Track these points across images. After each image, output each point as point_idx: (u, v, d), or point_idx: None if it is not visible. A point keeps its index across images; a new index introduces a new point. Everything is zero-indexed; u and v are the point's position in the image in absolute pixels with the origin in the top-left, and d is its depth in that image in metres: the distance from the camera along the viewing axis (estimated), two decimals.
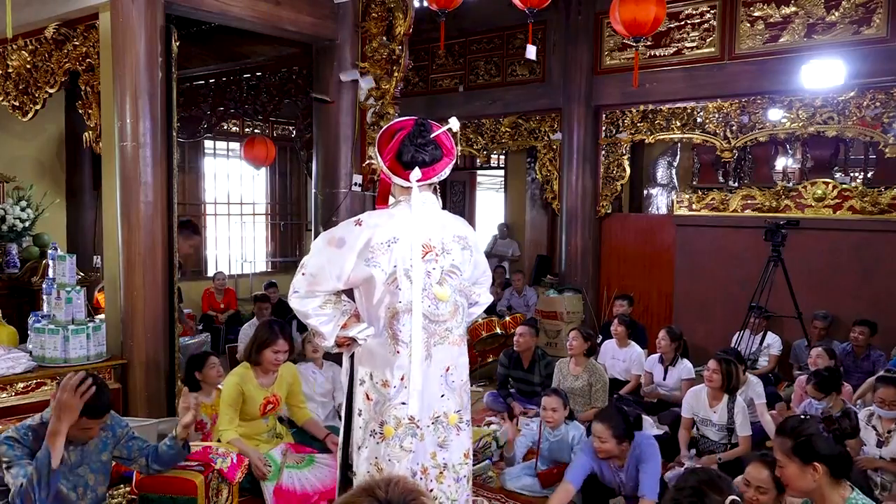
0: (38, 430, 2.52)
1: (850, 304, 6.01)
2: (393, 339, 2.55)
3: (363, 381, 2.61)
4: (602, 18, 7.46)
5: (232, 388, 3.68)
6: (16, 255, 6.63)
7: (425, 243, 2.55)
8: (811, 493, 2.36)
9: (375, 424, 2.58)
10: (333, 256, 2.51)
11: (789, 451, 2.35)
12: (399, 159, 2.54)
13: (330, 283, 2.53)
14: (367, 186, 5.44)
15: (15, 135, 7.30)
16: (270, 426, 3.91)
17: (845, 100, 6.34)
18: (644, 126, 7.59)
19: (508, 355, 5.73)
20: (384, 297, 2.53)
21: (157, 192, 4.19)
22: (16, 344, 4.30)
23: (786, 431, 2.40)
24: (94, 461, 2.73)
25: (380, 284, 2.52)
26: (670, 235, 7.35)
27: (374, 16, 5.24)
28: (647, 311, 7.51)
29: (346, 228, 2.56)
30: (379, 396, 2.57)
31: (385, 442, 2.56)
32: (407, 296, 2.52)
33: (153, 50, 4.16)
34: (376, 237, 2.50)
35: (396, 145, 2.53)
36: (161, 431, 3.90)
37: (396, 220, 2.54)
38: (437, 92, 9.01)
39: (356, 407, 2.64)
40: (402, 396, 2.55)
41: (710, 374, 4.39)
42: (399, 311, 2.53)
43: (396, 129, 2.58)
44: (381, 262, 2.50)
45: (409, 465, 2.57)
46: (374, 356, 2.59)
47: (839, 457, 2.32)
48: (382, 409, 2.56)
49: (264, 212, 10.52)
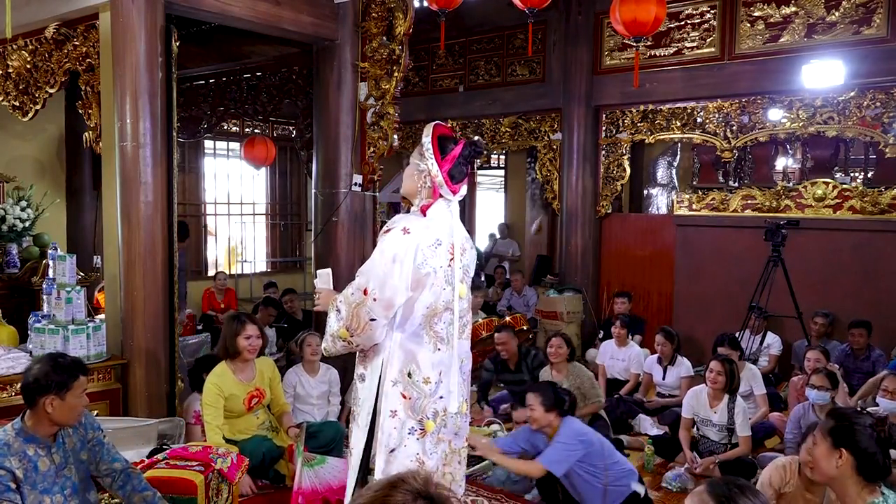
0: (12, 444, 2.53)
1: (850, 304, 6.00)
2: (434, 337, 2.68)
3: (396, 382, 2.65)
4: (602, 18, 7.46)
5: (210, 387, 3.74)
6: (16, 255, 6.63)
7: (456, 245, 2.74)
8: (832, 480, 2.32)
9: (414, 422, 2.65)
10: (393, 270, 2.58)
11: (826, 431, 2.33)
12: (448, 172, 2.72)
13: (401, 295, 2.60)
14: (367, 186, 5.44)
15: (15, 135, 7.30)
16: (262, 420, 3.94)
17: (845, 100, 6.34)
18: (644, 126, 7.59)
19: (493, 360, 5.68)
20: (427, 297, 2.65)
21: (157, 192, 4.19)
22: (16, 344, 4.30)
23: (834, 414, 2.41)
24: (77, 460, 2.71)
25: (428, 284, 2.63)
26: (670, 235, 7.35)
27: (374, 16, 5.24)
28: (647, 311, 7.51)
29: (396, 240, 2.62)
30: (419, 393, 2.65)
31: (427, 436, 2.67)
32: (446, 295, 2.67)
33: (153, 50, 4.16)
34: (423, 242, 2.62)
35: (453, 160, 2.70)
36: (161, 431, 3.91)
37: (435, 224, 2.68)
38: (437, 92, 9.01)
39: (388, 409, 2.65)
40: (441, 391, 2.68)
41: (715, 375, 4.39)
42: (439, 310, 2.67)
43: (447, 136, 2.75)
44: (429, 264, 2.63)
45: (440, 455, 2.72)
46: (412, 354, 2.67)
47: (871, 456, 2.25)
48: (423, 404, 2.66)
49: (264, 212, 10.52)
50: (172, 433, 3.98)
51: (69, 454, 2.68)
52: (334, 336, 2.70)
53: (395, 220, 2.76)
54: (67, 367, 2.58)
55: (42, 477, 2.55)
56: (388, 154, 5.40)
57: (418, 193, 2.76)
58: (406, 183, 2.83)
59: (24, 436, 2.55)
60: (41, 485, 2.54)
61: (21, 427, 2.57)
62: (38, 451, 2.56)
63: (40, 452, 2.57)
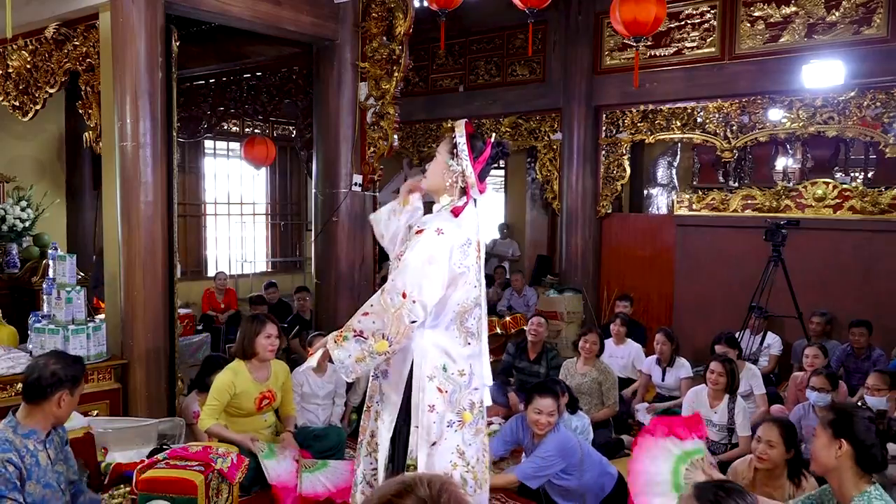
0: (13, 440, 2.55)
1: (850, 304, 6.00)
2: (465, 332, 2.74)
3: (433, 377, 2.68)
4: (602, 18, 7.46)
5: (222, 381, 3.70)
6: (16, 255, 6.63)
7: (481, 243, 2.82)
8: (831, 471, 2.33)
9: (452, 414, 2.69)
10: (430, 270, 2.60)
11: (827, 422, 2.35)
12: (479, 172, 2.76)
13: (437, 294, 2.63)
14: (367, 186, 5.44)
15: (15, 135, 7.29)
16: (270, 423, 3.92)
17: (845, 100, 6.34)
18: (644, 126, 7.59)
19: (516, 345, 5.78)
20: (459, 295, 2.70)
21: (157, 192, 4.19)
22: (16, 344, 4.30)
23: (834, 407, 2.49)
24: (67, 455, 2.78)
25: (461, 283, 2.68)
26: (670, 235, 7.35)
27: (374, 16, 5.24)
28: (646, 311, 7.51)
29: (431, 241, 2.63)
30: (455, 386, 2.70)
31: (465, 427, 2.72)
32: (475, 292, 2.75)
33: (153, 50, 4.16)
34: (456, 242, 2.66)
35: (485, 160, 2.75)
36: (161, 431, 3.91)
37: (465, 224, 2.72)
38: (437, 92, 9.01)
39: (426, 404, 2.67)
40: (475, 382, 2.76)
41: (716, 377, 4.38)
42: (469, 306, 2.74)
43: (473, 134, 2.76)
44: (464, 263, 2.68)
45: (479, 445, 2.77)
46: (445, 349, 2.71)
47: (870, 448, 2.28)
48: (459, 397, 2.71)
49: (264, 212, 10.52)
50: (172, 433, 3.98)
51: (58, 450, 2.74)
52: (365, 355, 2.58)
53: (425, 219, 2.77)
54: (78, 363, 2.66)
55: (43, 471, 2.59)
56: (388, 154, 5.40)
57: (446, 191, 2.78)
58: (434, 179, 2.80)
59: (22, 431, 2.58)
60: (43, 479, 2.59)
61: (16, 423, 2.60)
62: (36, 445, 2.61)
63: (38, 447, 2.61)
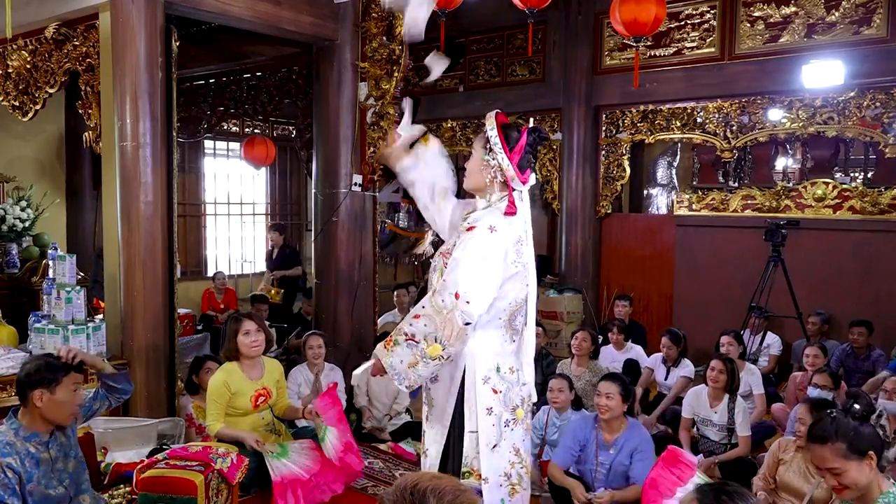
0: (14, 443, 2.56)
1: (850, 304, 6.00)
2: (511, 330, 2.72)
3: (487, 378, 2.65)
4: (602, 18, 7.45)
5: (216, 382, 3.71)
6: (16, 255, 6.62)
7: (529, 239, 2.76)
8: (864, 487, 2.30)
9: (508, 414, 2.68)
10: (484, 269, 2.55)
11: (847, 453, 2.26)
12: (518, 163, 2.65)
13: (491, 294, 2.57)
14: (367, 186, 5.44)
15: (15, 135, 7.29)
16: (267, 421, 3.92)
17: (845, 100, 6.33)
18: (644, 126, 7.58)
19: None
20: (511, 294, 2.66)
21: (157, 192, 4.19)
22: (16, 344, 4.30)
23: (830, 435, 2.29)
24: (69, 446, 2.76)
25: (515, 282, 2.65)
26: (670, 235, 7.35)
27: (374, 16, 5.24)
28: (647, 312, 7.51)
29: (484, 239, 2.56)
30: (507, 385, 2.69)
31: (518, 424, 2.72)
32: (525, 290, 2.71)
33: (153, 50, 4.16)
34: (510, 239, 2.62)
35: (521, 151, 2.63)
36: (161, 431, 3.91)
37: (516, 220, 2.65)
38: (437, 92, 9.00)
39: (483, 407, 2.64)
40: (523, 377, 2.76)
41: (716, 374, 4.38)
42: (520, 304, 2.71)
43: (507, 124, 2.67)
44: (518, 260, 2.64)
45: (529, 439, 2.78)
46: (494, 349, 2.69)
47: (878, 439, 2.33)
48: (511, 394, 2.70)
49: (264, 212, 10.52)
50: (172, 433, 3.98)
51: (62, 449, 2.73)
52: (418, 360, 2.51)
53: (475, 217, 2.66)
54: (58, 363, 2.64)
55: (43, 472, 2.60)
56: None
57: (487, 189, 2.69)
58: (473, 178, 2.73)
59: (24, 433, 2.59)
60: (44, 479, 2.60)
61: (19, 425, 2.60)
62: (38, 447, 2.61)
63: (40, 448, 2.62)
